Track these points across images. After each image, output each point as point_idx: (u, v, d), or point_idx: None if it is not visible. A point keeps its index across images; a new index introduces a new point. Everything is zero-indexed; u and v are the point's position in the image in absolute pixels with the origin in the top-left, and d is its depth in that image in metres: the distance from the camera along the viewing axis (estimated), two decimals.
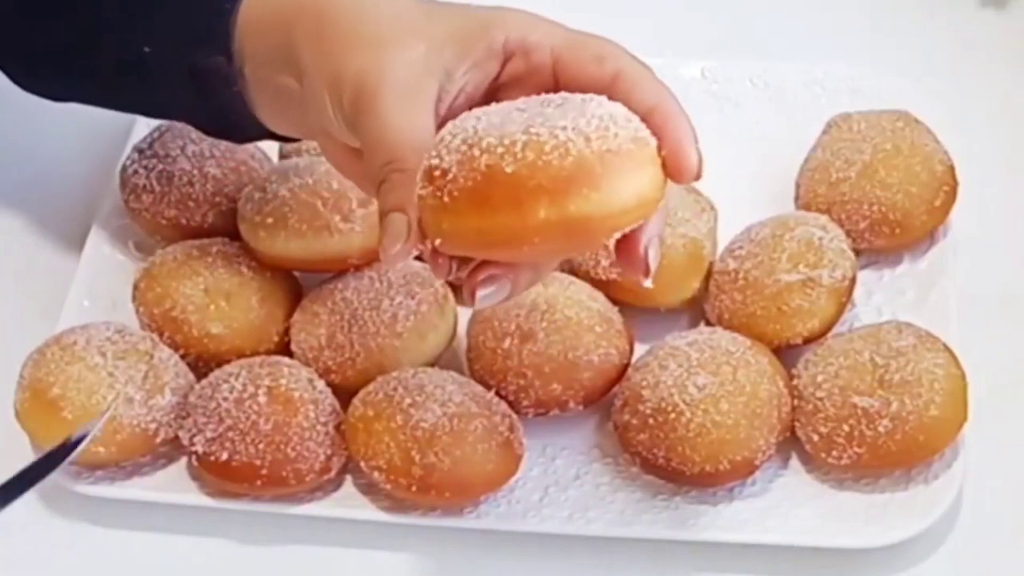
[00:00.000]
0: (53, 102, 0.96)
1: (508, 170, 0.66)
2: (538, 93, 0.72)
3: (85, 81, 0.92)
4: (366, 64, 0.76)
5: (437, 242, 0.69)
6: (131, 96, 0.92)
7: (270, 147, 1.03)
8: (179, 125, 1.00)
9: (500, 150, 0.66)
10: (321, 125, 0.79)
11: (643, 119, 0.70)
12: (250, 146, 1.01)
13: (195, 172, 0.98)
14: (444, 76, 0.76)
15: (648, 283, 0.71)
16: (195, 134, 0.99)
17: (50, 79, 0.94)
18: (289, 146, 1.02)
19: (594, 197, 0.66)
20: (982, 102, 1.08)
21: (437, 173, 0.67)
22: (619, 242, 0.71)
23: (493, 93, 0.77)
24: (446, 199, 0.67)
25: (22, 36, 0.91)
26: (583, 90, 0.71)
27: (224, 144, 0.99)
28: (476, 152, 0.66)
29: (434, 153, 0.68)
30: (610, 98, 0.70)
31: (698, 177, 0.70)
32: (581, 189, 0.65)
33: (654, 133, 0.70)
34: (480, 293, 0.71)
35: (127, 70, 0.89)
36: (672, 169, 0.69)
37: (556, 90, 0.73)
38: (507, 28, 0.76)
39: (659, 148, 0.69)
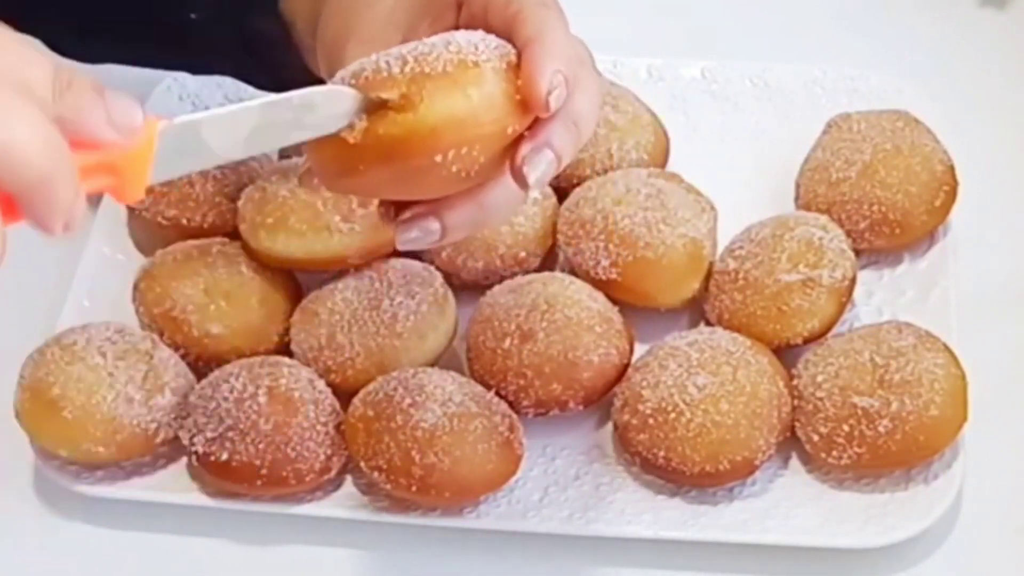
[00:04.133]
0: (87, 63, 0.97)
1: None
2: None
3: (127, 44, 0.94)
4: (341, 28, 0.78)
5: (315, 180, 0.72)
6: (175, 58, 0.95)
7: None
8: None
9: (337, 80, 0.69)
10: None
11: (520, 51, 0.70)
12: None
13: (195, 172, 0.98)
14: (408, 28, 0.77)
15: (532, 194, 0.71)
16: None
17: (91, 43, 0.95)
18: (289, 146, 1.02)
19: (399, 119, 0.67)
20: (982, 102, 1.08)
21: None
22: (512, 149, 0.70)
23: None
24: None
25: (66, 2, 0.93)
26: (499, 31, 0.72)
27: None
28: (338, 80, 0.69)
29: None
30: (512, 35, 0.71)
31: (547, 108, 0.69)
32: (387, 112, 0.67)
33: (521, 62, 0.69)
34: (402, 236, 0.72)
35: (173, 35, 0.90)
36: (523, 96, 0.69)
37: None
38: None
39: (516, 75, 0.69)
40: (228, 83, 1.08)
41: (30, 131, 0.55)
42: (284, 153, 1.03)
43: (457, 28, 0.76)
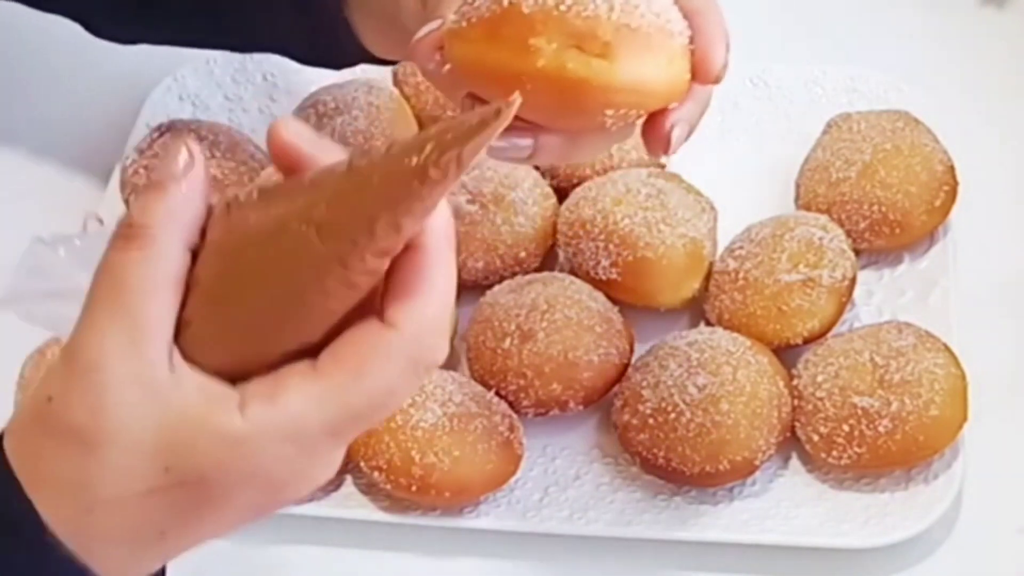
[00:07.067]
0: (124, 44, 0.97)
1: (525, 11, 0.66)
2: None
3: (171, 19, 0.93)
4: None
5: (446, 67, 0.69)
6: (219, 30, 0.93)
7: None
8: (179, 125, 1.00)
9: None
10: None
11: (687, 19, 0.70)
12: (250, 146, 1.01)
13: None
14: None
15: (664, 159, 0.71)
16: (195, 134, 0.99)
17: (133, 20, 0.95)
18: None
19: (593, 64, 0.66)
20: (982, 102, 1.08)
21: (471, 0, 0.68)
22: (648, 116, 0.70)
23: None
24: (464, 24, 0.68)
25: None
26: None
27: (224, 144, 0.99)
28: None
29: None
30: None
31: (717, 80, 0.70)
32: (584, 51, 0.66)
33: (692, 32, 0.69)
34: (497, 142, 0.68)
35: (220, 3, 0.90)
36: (696, 68, 0.69)
37: None
38: None
39: (691, 49, 0.69)
40: (228, 83, 1.08)
41: None
42: None
43: None
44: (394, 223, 0.53)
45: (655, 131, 0.70)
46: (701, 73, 0.70)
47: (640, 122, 0.71)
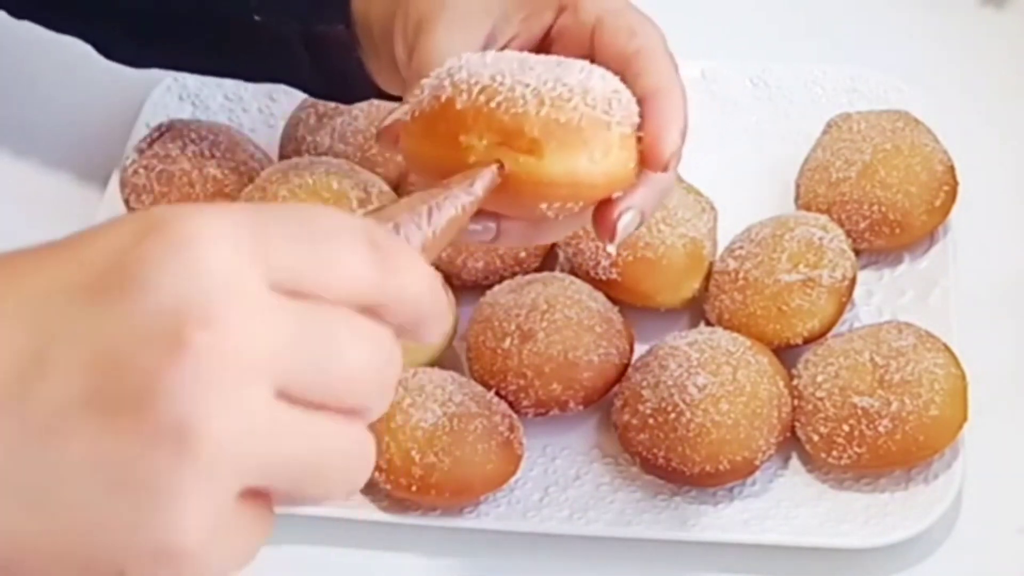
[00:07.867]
0: (135, 68, 0.97)
1: (458, 107, 0.66)
2: (576, 50, 0.73)
3: (183, 49, 0.93)
4: (428, 10, 0.76)
5: (399, 157, 0.70)
6: (231, 62, 0.93)
7: (270, 147, 1.03)
8: (179, 125, 1.00)
9: (463, 87, 0.66)
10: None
11: (642, 101, 0.69)
12: (250, 146, 1.01)
13: (195, 172, 0.98)
14: (501, 17, 0.76)
15: (611, 248, 0.71)
16: (195, 134, 0.99)
17: (145, 47, 0.95)
18: (289, 146, 1.02)
19: (521, 160, 0.65)
20: (982, 102, 1.08)
21: (417, 91, 0.69)
22: (599, 203, 0.70)
23: (544, 43, 0.77)
24: (409, 118, 0.69)
25: (125, 4, 0.92)
26: (609, 57, 0.72)
27: (224, 144, 0.99)
28: (447, 83, 0.67)
29: (430, 75, 0.69)
30: (626, 72, 0.70)
31: (665, 169, 0.69)
32: (511, 148, 0.66)
33: (644, 117, 0.69)
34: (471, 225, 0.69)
35: (233, 38, 0.90)
36: (644, 155, 0.69)
37: (591, 50, 0.73)
38: None
39: (638, 136, 0.69)
40: (228, 83, 1.08)
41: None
42: (284, 153, 1.03)
43: (550, 29, 0.76)
44: None
45: (602, 219, 0.69)
46: (648, 160, 0.68)
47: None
